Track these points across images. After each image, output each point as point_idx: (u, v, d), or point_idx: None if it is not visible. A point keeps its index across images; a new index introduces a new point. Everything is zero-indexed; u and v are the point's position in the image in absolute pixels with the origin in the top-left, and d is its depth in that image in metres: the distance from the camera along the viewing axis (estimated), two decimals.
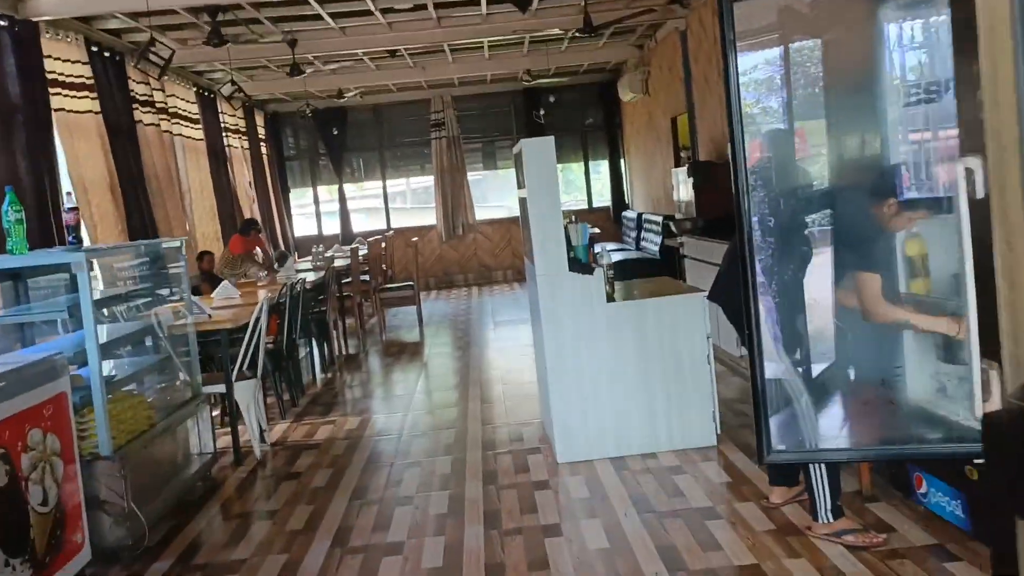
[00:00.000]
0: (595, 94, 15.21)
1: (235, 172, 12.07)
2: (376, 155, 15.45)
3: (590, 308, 4.70)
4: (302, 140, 15.70)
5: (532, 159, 4.69)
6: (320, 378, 7.97)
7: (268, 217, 13.37)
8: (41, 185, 6.57)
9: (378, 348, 9.41)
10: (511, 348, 8.53)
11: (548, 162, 4.69)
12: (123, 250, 4.46)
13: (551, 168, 4.70)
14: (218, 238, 10.91)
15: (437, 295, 14.04)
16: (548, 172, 4.69)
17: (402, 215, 15.95)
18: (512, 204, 16.65)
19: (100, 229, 7.45)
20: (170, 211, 9.04)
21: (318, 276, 8.56)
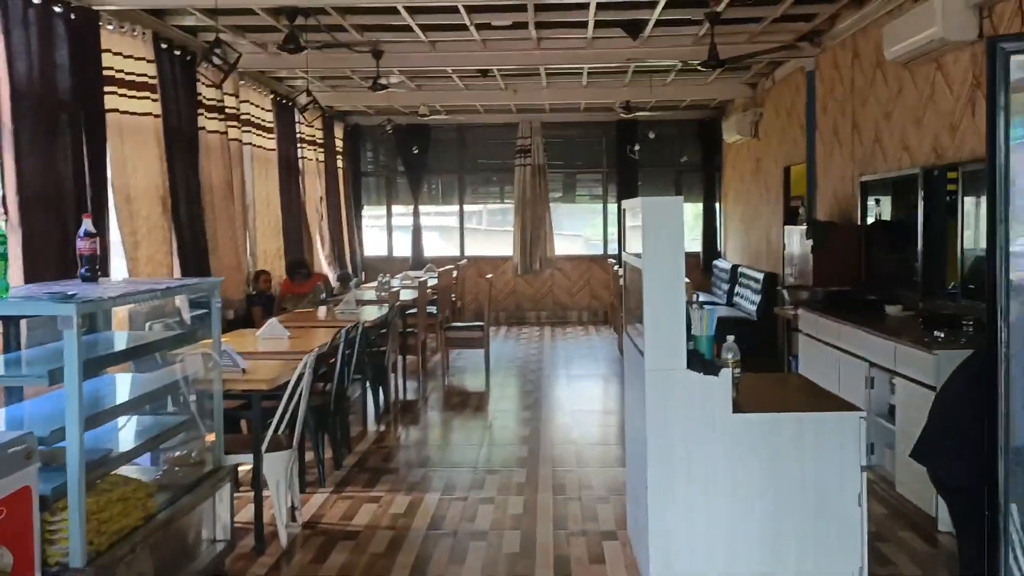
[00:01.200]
0: (694, 131, 14.16)
1: (306, 186, 11.36)
2: (455, 177, 14.64)
3: (710, 417, 3.68)
4: (381, 155, 15.00)
5: (655, 223, 3.70)
6: (372, 430, 7.07)
7: (337, 234, 12.65)
8: (83, 194, 5.84)
9: (439, 396, 8.49)
10: (587, 417, 7.51)
11: (674, 228, 3.70)
12: (138, 295, 3.61)
13: (677, 236, 3.71)
14: (280, 256, 10.18)
15: (507, 332, 13.11)
16: (673, 241, 3.70)
17: (475, 238, 15.08)
18: (591, 236, 15.69)
19: (145, 245, 6.71)
20: (227, 226, 8.30)
21: (381, 312, 7.70)
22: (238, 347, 5.44)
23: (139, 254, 6.55)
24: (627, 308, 4.74)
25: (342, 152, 13.46)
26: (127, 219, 6.42)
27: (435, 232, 16.00)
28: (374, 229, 15.33)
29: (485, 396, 8.49)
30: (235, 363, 4.46)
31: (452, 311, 11.95)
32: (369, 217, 15.07)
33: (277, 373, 4.60)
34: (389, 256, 14.61)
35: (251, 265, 9.26)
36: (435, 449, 6.52)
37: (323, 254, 11.99)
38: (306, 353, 4.97)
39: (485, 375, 9.45)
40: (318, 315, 7.70)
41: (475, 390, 8.85)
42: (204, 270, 7.81)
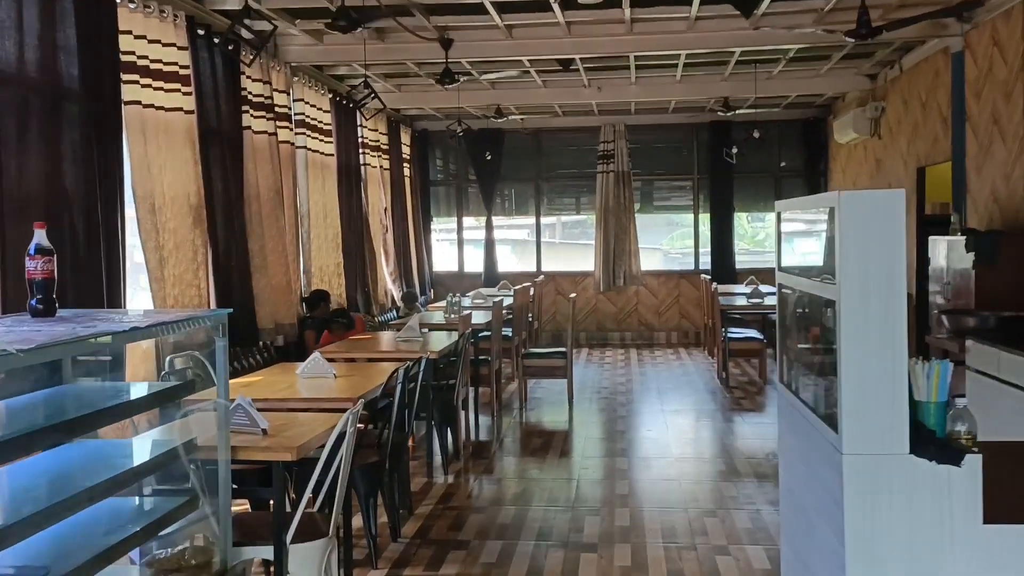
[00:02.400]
0: (796, 133, 12.71)
1: (369, 195, 10.33)
2: (531, 186, 13.49)
3: (947, 528, 2.40)
4: (451, 163, 13.94)
5: (861, 229, 2.43)
6: (439, 482, 5.90)
7: (404, 249, 11.59)
8: (93, 200, 4.82)
9: (515, 436, 7.29)
10: (696, 467, 6.21)
11: (891, 238, 2.43)
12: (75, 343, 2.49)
13: (896, 250, 2.44)
14: (340, 273, 9.14)
15: (588, 355, 11.84)
16: (889, 257, 2.43)
17: (550, 252, 13.86)
18: (670, 248, 14.35)
19: (173, 262, 5.69)
20: (276, 240, 7.27)
21: (450, 340, 6.55)
22: (271, 389, 4.35)
23: (165, 273, 5.53)
24: (783, 346, 3.47)
25: (409, 159, 12.43)
26: (151, 232, 5.40)
27: (507, 246, 14.88)
28: (444, 243, 14.28)
29: (569, 437, 7.25)
30: (252, 422, 3.34)
31: (529, 334, 10.77)
32: (438, 230, 14.03)
33: (310, 435, 3.46)
34: (460, 272, 13.52)
35: (305, 284, 8.23)
36: (514, 512, 5.31)
37: (387, 270, 10.94)
38: (354, 399, 3.84)
39: (568, 410, 8.22)
40: (377, 343, 6.60)
41: (557, 428, 7.62)
42: (246, 292, 6.78)
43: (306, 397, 4.18)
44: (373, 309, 10.01)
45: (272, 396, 4.12)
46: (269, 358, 7.12)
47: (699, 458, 6.44)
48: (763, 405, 8.51)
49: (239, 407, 3.30)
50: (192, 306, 5.91)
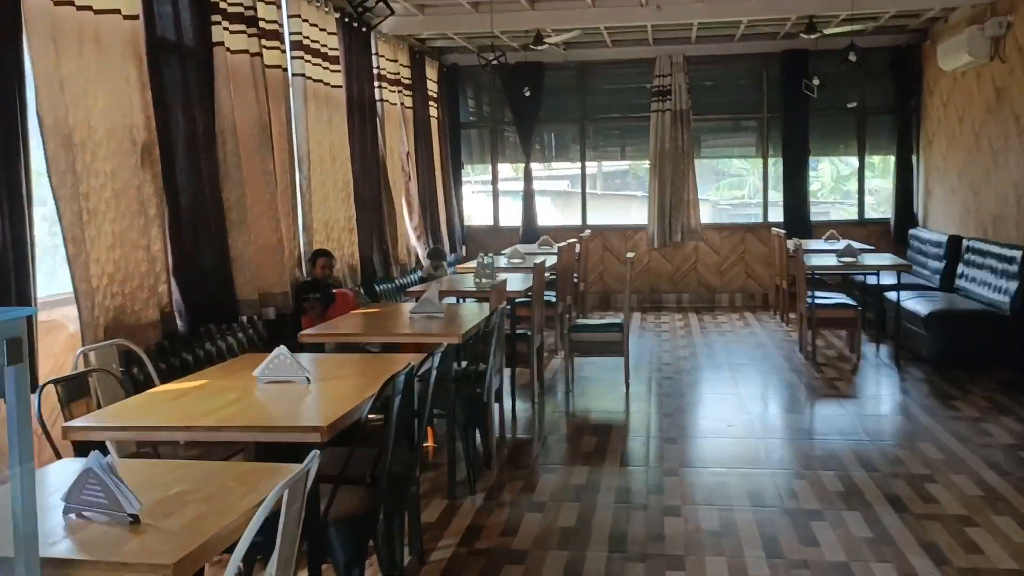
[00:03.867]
0: (884, 63, 10.90)
1: (388, 137, 8.84)
2: (576, 128, 11.87)
3: None
4: (485, 103, 12.36)
5: None
6: (465, 506, 4.48)
7: (430, 200, 10.11)
8: None
9: (561, 434, 5.84)
10: (804, 489, 4.70)
11: None
12: None
13: None
14: (351, 228, 7.69)
15: (642, 321, 10.32)
16: None
17: (592, 203, 12.27)
18: (720, 201, 12.70)
19: (111, 216, 4.26)
20: (260, 187, 5.82)
21: (479, 315, 5.11)
22: (202, 407, 2.94)
23: (91, 232, 4.10)
24: None
25: (436, 98, 10.88)
26: (65, 176, 3.95)
27: (546, 197, 13.35)
28: (477, 195, 12.78)
29: (629, 435, 5.79)
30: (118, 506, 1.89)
31: (575, 297, 9.29)
32: (470, 180, 12.52)
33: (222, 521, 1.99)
34: (495, 227, 12.02)
35: (303, 244, 6.80)
36: (567, 560, 3.87)
37: (410, 225, 9.48)
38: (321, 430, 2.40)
39: (625, 396, 6.74)
40: (383, 321, 5.15)
41: (612, 420, 6.16)
42: (219, 254, 5.36)
43: (248, 426, 2.73)
44: (393, 271, 8.58)
45: (193, 422, 2.70)
46: (255, 337, 5.72)
47: (803, 470, 4.93)
48: (865, 389, 6.97)
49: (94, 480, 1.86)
50: (140, 273, 4.50)
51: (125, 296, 4.40)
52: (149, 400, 3.04)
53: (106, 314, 4.28)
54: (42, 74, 3.78)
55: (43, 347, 4.03)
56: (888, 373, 7.33)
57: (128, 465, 2.30)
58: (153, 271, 4.63)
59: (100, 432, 2.69)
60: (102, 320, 4.10)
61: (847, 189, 14.29)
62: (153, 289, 4.53)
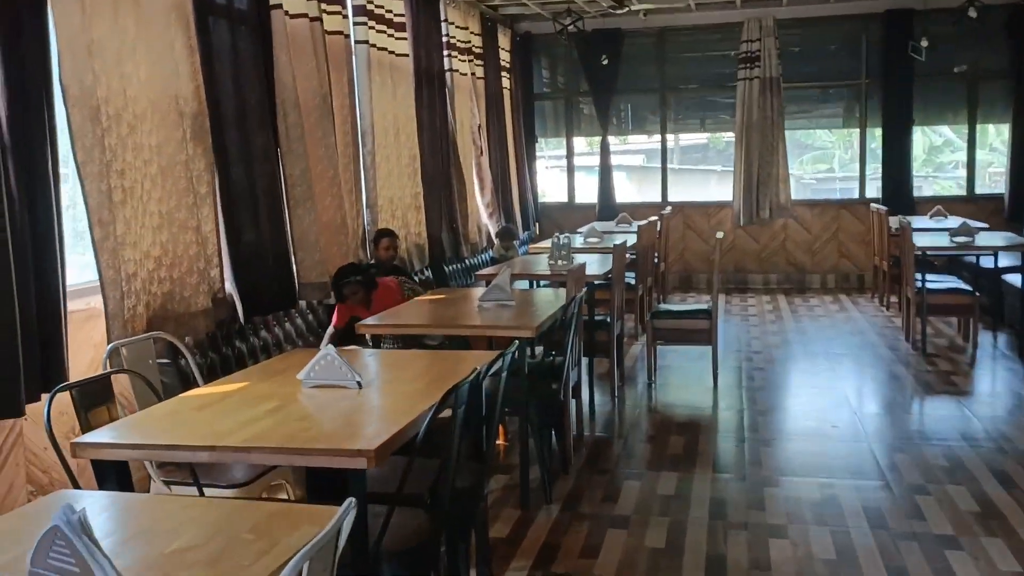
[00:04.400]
0: (1000, 23, 9.93)
1: (457, 109, 8.36)
2: (655, 99, 11.20)
3: None
4: (559, 74, 11.79)
5: None
6: (535, 524, 4.02)
7: (502, 176, 9.63)
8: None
9: (644, 433, 5.30)
10: (930, 508, 4.09)
11: None
12: None
13: None
14: (418, 206, 7.26)
15: (727, 303, 9.68)
16: None
17: (670, 178, 11.59)
18: (804, 175, 11.84)
19: (157, 196, 3.89)
20: (323, 162, 5.41)
21: (556, 302, 4.61)
22: (240, 413, 2.52)
23: (126, 214, 3.71)
24: None
25: (509, 68, 10.36)
26: (92, 151, 3.56)
27: (620, 172, 12.73)
28: (551, 170, 12.26)
29: (718, 435, 5.24)
30: None
31: (656, 278, 8.73)
32: (544, 154, 11.98)
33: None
34: (570, 203, 11.48)
35: (368, 222, 6.39)
36: None
37: (482, 202, 9.02)
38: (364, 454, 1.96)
39: (712, 389, 6.17)
40: (449, 311, 4.68)
41: (700, 418, 5.61)
42: (279, 234, 4.96)
43: (281, 447, 2.26)
44: (463, 250, 8.13)
45: (220, 440, 2.27)
46: (315, 324, 5.34)
47: (927, 483, 4.31)
48: (987, 385, 6.26)
49: None
50: (189, 256, 4.13)
51: (173, 282, 4.03)
52: (176, 408, 2.64)
53: (153, 302, 3.92)
54: (65, 38, 3.39)
55: (81, 338, 3.69)
56: (1011, 366, 6.58)
57: (128, 503, 1.88)
58: (203, 254, 4.25)
59: (110, 450, 2.29)
60: (141, 310, 3.73)
61: (940, 161, 13.28)
62: (203, 274, 4.15)
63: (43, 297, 3.26)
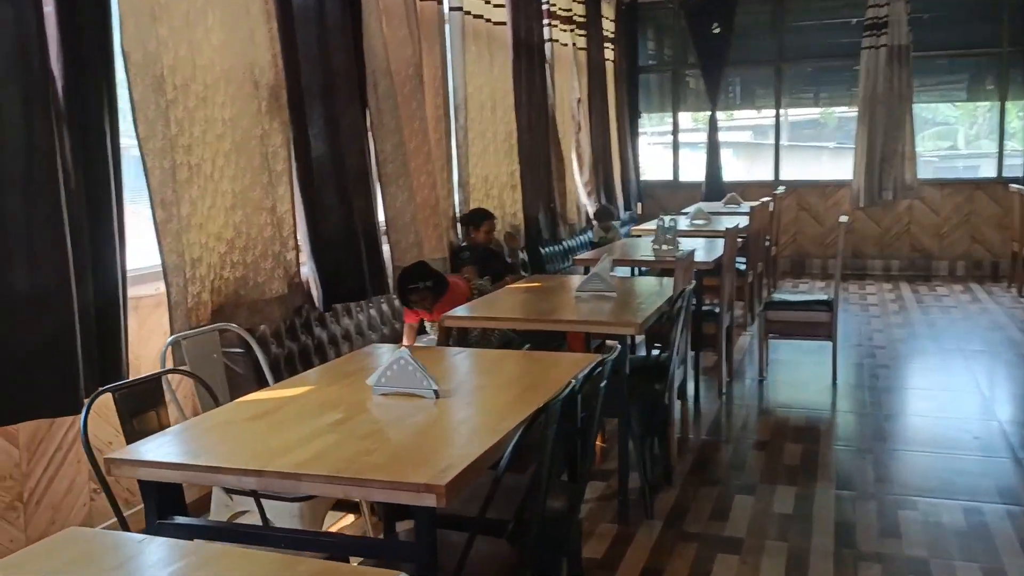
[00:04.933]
0: None
1: (557, 82, 7.92)
2: (767, 71, 10.48)
3: None
4: (666, 46, 11.18)
5: None
6: (635, 543, 3.60)
7: (604, 154, 9.14)
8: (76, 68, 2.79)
9: (754, 437, 4.80)
10: None
11: None
12: None
13: None
14: (514, 184, 6.88)
15: (845, 291, 8.97)
16: None
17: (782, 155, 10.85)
18: (924, 153, 10.87)
19: (231, 173, 3.61)
20: (415, 137, 5.07)
21: (659, 292, 4.16)
22: (297, 428, 2.19)
23: (193, 194, 3.43)
24: None
25: (613, 39, 9.82)
26: (155, 124, 3.28)
27: (727, 149, 12.04)
28: (655, 147, 11.68)
29: (838, 441, 4.68)
30: None
31: (766, 268, 8.12)
32: (648, 131, 11.40)
33: None
34: (674, 182, 10.90)
35: (460, 203, 6.04)
36: None
37: (580, 180, 8.57)
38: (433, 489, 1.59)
39: (831, 388, 5.60)
40: (542, 301, 4.26)
41: (817, 421, 5.05)
42: (367, 215, 4.65)
43: (334, 475, 1.88)
44: (560, 232, 7.71)
45: (267, 463, 1.93)
46: (402, 311, 5.01)
47: None
48: None
49: None
50: (264, 239, 3.85)
51: (247, 267, 3.76)
52: (229, 417, 2.32)
53: (224, 288, 3.66)
54: (127, 0, 3.11)
55: (151, 324, 3.45)
56: None
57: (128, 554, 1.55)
58: (279, 236, 3.97)
59: (146, 469, 1.98)
60: (206, 297, 3.46)
61: None
62: (278, 258, 3.87)
63: (102, 283, 3.01)
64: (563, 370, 2.74)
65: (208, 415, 2.37)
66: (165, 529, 2.06)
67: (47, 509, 3.10)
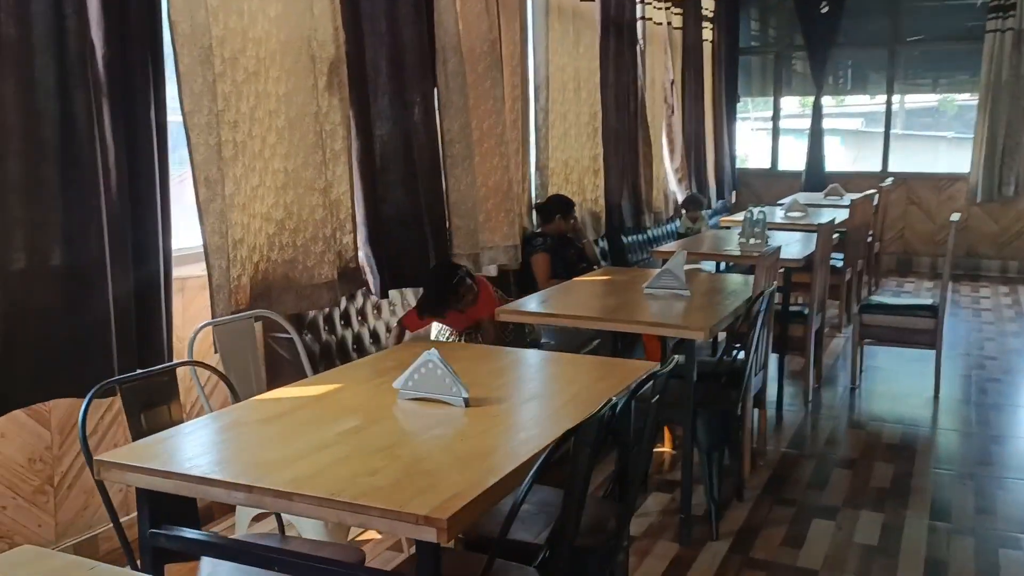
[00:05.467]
0: None
1: (649, 63, 7.54)
2: (882, 53, 9.81)
3: None
4: (770, 25, 10.60)
5: None
6: (697, 561, 3.30)
7: (697, 139, 8.72)
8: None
9: (841, 453, 4.40)
10: None
11: None
12: None
13: None
14: (597, 170, 6.57)
15: (954, 294, 8.33)
16: None
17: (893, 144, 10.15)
18: None
19: (282, 151, 3.45)
20: (489, 117, 4.83)
21: (737, 290, 3.82)
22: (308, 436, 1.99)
23: (237, 172, 3.27)
24: None
25: (713, 17, 9.35)
26: (201, 99, 3.12)
27: (834, 137, 11.38)
28: (755, 132, 11.14)
29: (935, 463, 4.24)
30: None
31: (868, 265, 7.61)
32: (749, 115, 10.87)
33: None
34: (772, 171, 10.36)
35: (537, 188, 5.78)
36: None
37: (671, 167, 8.18)
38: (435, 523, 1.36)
39: (932, 401, 5.12)
40: (603, 296, 3.97)
41: (913, 439, 4.60)
42: (433, 198, 4.44)
43: (328, 499, 1.66)
44: (645, 220, 7.36)
45: (260, 478, 1.74)
46: None
47: None
48: None
49: None
50: (315, 221, 3.68)
51: (296, 249, 3.61)
52: (240, 418, 2.14)
53: (272, 271, 3.52)
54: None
55: (197, 307, 3.32)
56: None
57: None
58: (334, 218, 3.80)
59: (134, 474, 1.82)
60: (246, 281, 3.31)
61: None
62: (330, 241, 3.69)
63: (143, 262, 2.89)
64: (618, 379, 2.47)
65: (220, 413, 2.20)
66: (158, 540, 1.90)
67: (80, 493, 3.01)
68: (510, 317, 3.45)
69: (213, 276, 3.09)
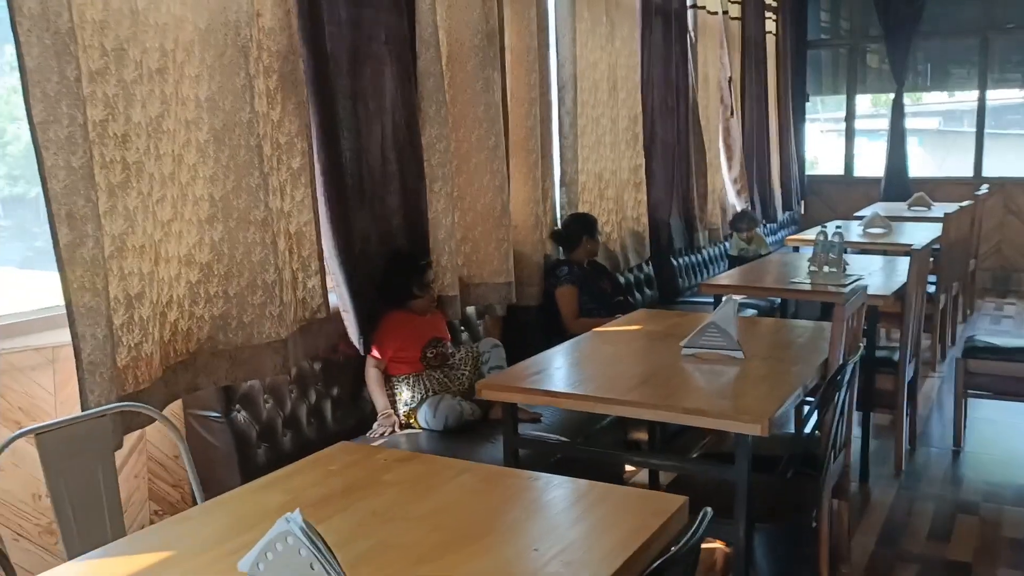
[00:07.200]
0: None
1: (702, 58, 6.58)
2: (972, 44, 8.65)
3: None
4: (842, 15, 9.51)
5: None
6: None
7: (759, 144, 7.71)
8: None
9: (947, 547, 3.38)
10: None
11: None
12: None
13: None
14: (638, 183, 5.64)
15: None
16: None
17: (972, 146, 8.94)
18: None
19: (203, 167, 2.62)
20: (479, 127, 3.93)
21: (812, 364, 2.87)
22: None
23: (130, 203, 2.42)
24: None
25: (776, 7, 8.32)
26: (58, 102, 2.28)
27: (912, 137, 10.20)
28: (827, 135, 10.06)
29: None
30: None
31: (963, 288, 6.53)
32: (819, 117, 9.79)
33: None
34: (847, 177, 9.26)
35: (563, 206, 4.86)
36: None
37: (728, 177, 7.19)
38: None
39: None
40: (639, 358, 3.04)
41: None
42: (415, 228, 3.57)
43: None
44: (699, 238, 6.39)
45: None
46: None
47: None
48: None
49: None
50: (250, 266, 2.83)
51: (229, 300, 2.77)
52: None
53: (197, 330, 2.69)
54: None
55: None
56: None
57: None
58: (294, 258, 2.97)
59: None
60: (149, 349, 2.46)
61: None
62: (278, 288, 2.84)
63: None
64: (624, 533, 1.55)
65: None
66: None
67: None
68: (496, 396, 2.54)
69: (83, 350, 2.25)
